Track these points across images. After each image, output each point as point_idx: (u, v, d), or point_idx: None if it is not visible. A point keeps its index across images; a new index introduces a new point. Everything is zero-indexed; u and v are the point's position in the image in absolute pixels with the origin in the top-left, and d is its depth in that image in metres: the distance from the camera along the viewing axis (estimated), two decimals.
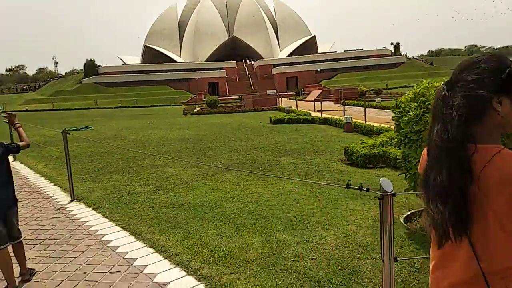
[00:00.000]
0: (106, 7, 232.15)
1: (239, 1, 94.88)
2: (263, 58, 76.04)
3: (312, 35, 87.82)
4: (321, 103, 19.34)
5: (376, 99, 22.31)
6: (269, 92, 30.36)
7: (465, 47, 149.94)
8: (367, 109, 21.12)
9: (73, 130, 16.57)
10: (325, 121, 14.34)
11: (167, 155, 8.99)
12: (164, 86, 57.36)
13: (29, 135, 12.02)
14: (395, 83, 50.88)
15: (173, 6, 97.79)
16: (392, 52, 67.60)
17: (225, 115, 23.53)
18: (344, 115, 16.65)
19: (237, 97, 43.42)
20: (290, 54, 79.59)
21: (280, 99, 28.44)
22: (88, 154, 9.69)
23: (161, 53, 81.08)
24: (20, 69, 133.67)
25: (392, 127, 9.21)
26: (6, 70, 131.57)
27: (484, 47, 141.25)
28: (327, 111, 20.58)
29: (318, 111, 20.86)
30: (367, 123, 11.68)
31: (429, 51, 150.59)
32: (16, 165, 8.74)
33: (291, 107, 21.89)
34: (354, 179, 5.76)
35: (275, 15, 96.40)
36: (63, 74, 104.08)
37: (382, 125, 11.29)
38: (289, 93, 36.71)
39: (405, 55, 67.07)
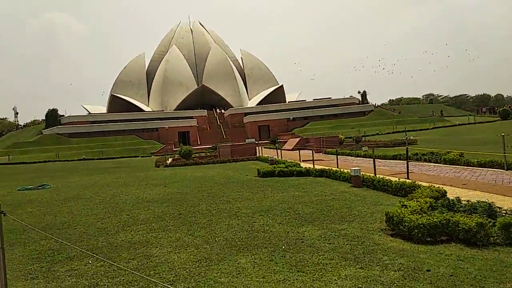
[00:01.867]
0: (71, 56, 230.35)
1: (207, 51, 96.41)
2: (232, 107, 75.90)
3: (280, 85, 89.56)
4: (313, 153, 17.91)
5: (363, 148, 21.35)
6: (247, 140, 29.02)
7: (422, 96, 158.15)
8: (355, 158, 20.10)
9: (27, 189, 14.18)
10: (321, 174, 12.82)
11: (147, 226, 7.00)
12: (132, 136, 55.04)
13: None
14: (367, 130, 51.20)
15: (140, 55, 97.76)
16: (359, 100, 69.30)
17: (202, 166, 21.68)
18: (337, 165, 15.35)
19: (211, 146, 41.77)
20: (260, 103, 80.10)
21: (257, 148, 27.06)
22: (42, 226, 7.50)
23: (128, 102, 79.39)
24: None
25: (422, 183, 7.81)
26: None
27: (441, 96, 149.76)
28: (316, 160, 19.28)
29: (304, 161, 19.52)
30: (378, 175, 10.21)
31: (390, 99, 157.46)
32: None
33: (273, 156, 20.40)
34: (429, 265, 4.09)
35: (243, 65, 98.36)
36: (23, 125, 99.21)
37: (395, 177, 9.88)
38: (263, 141, 35.52)
39: (375, 104, 68.86)
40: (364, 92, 69.39)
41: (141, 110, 74.66)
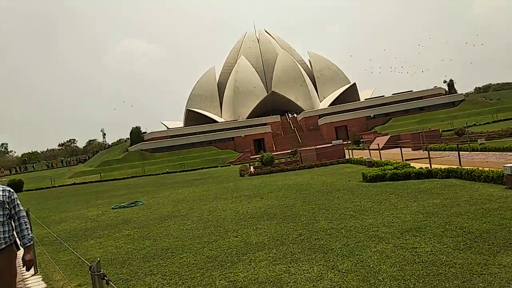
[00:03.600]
0: (147, 78, 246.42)
1: (275, 57, 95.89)
2: (303, 111, 73.97)
3: (352, 83, 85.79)
4: (428, 151, 15.45)
5: (479, 140, 18.18)
6: (334, 142, 27.04)
7: None
8: (470, 153, 17.08)
9: (121, 207, 13.77)
10: (448, 174, 10.50)
11: (266, 253, 5.55)
12: (209, 147, 55.72)
13: (69, 217, 8.87)
14: (460, 122, 45.99)
15: (211, 69, 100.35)
16: (446, 91, 63.09)
17: (289, 173, 20.17)
18: (460, 163, 12.81)
19: (289, 151, 40.28)
20: (332, 104, 77.14)
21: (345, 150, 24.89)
22: (143, 255, 6.43)
23: (203, 115, 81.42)
24: (71, 143, 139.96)
25: None
26: (59, 145, 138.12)
27: None
28: (423, 159, 16.75)
29: (407, 160, 17.07)
30: None
31: (476, 87, 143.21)
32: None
33: (371, 158, 18.19)
34: None
35: (311, 68, 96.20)
36: (110, 144, 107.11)
37: None
38: (342, 143, 33.08)
39: (465, 93, 62.20)
40: (451, 81, 62.97)
41: (215, 121, 76.02)
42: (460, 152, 17.65)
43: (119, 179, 37.75)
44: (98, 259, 2.53)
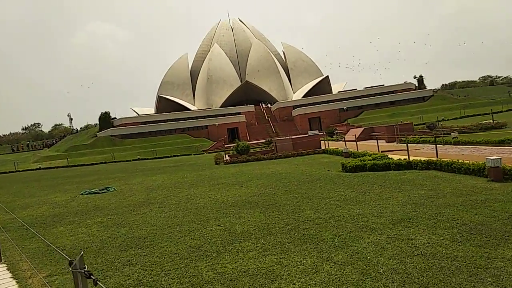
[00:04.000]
0: (117, 63, 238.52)
1: (249, 47, 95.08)
2: (277, 101, 74.00)
3: (325, 76, 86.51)
4: (406, 143, 15.57)
5: (452, 134, 18.54)
6: (310, 133, 26.95)
7: (479, 78, 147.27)
8: (444, 146, 17.41)
9: (91, 193, 13.12)
10: (428, 166, 10.55)
11: (254, 243, 5.26)
12: (183, 135, 54.72)
13: (35, 203, 8.24)
14: (430, 117, 47.29)
15: (183, 56, 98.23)
16: (416, 86, 64.66)
17: (266, 162, 19.94)
18: (437, 156, 12.96)
19: (264, 141, 40.10)
20: (305, 95, 77.55)
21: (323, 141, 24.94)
22: (119, 243, 5.99)
23: (175, 102, 79.77)
24: (36, 127, 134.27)
25: None
26: (22, 129, 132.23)
27: (500, 77, 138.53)
28: (398, 151, 16.93)
29: (383, 151, 17.20)
30: None
31: (443, 84, 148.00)
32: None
33: (347, 148, 18.22)
34: None
35: (285, 59, 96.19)
36: (78, 129, 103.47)
37: None
38: (318, 133, 33.12)
39: (434, 89, 63.94)
40: (421, 76, 64.53)
41: (187, 109, 74.68)
42: (431, 145, 18.05)
43: (87, 164, 36.38)
44: (82, 253, 2.15)
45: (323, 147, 23.39)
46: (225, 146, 49.10)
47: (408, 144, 20.43)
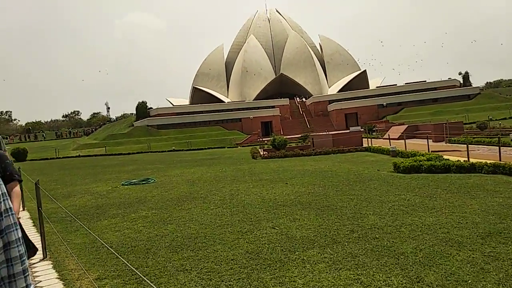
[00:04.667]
0: (153, 52, 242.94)
1: (285, 39, 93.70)
2: (311, 95, 72.64)
3: (363, 70, 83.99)
4: (465, 146, 14.49)
5: (511, 135, 17.13)
6: (352, 129, 25.99)
7: None
8: (503, 148, 16.02)
9: (132, 184, 12.95)
10: (495, 170, 9.55)
11: (320, 253, 4.67)
12: (217, 127, 54.76)
13: (77, 192, 7.96)
14: (475, 116, 44.80)
15: (219, 47, 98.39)
16: (460, 83, 61.54)
17: (306, 158, 19.28)
18: (500, 158, 11.85)
19: (299, 136, 39.27)
20: (341, 90, 75.75)
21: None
22: (168, 243, 5.57)
23: (209, 94, 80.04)
24: (75, 115, 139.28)
25: None
26: (63, 116, 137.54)
27: None
28: (451, 151, 15.78)
29: (436, 151, 16.07)
30: None
31: (487, 82, 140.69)
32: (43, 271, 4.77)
33: (395, 147, 17.23)
34: None
35: (322, 52, 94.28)
36: (114, 118, 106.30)
37: None
38: (360, 130, 31.88)
39: (480, 86, 60.63)
40: (467, 73, 61.38)
41: (221, 101, 74.77)
42: (491, 147, 16.71)
43: (124, 154, 36.95)
44: None
45: (365, 145, 22.40)
46: (259, 140, 48.69)
47: (460, 144, 19.19)
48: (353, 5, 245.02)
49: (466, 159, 12.16)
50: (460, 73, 62.60)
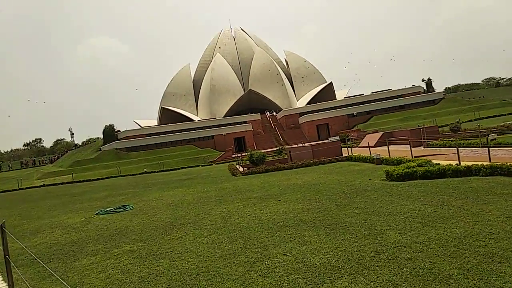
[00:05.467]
0: (117, 76, 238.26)
1: (251, 55, 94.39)
2: (280, 109, 73.09)
3: (329, 82, 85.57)
4: (457, 149, 14.31)
5: (489, 136, 17.28)
6: (331, 139, 25.69)
7: (482, 81, 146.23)
8: (484, 149, 16.04)
9: (107, 213, 11.85)
10: (492, 172, 9.27)
11: (353, 282, 3.96)
12: (188, 146, 53.50)
13: (46, 226, 6.88)
14: (442, 120, 46.19)
15: (185, 66, 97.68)
16: (424, 89, 63.59)
17: (288, 172, 18.65)
18: (489, 159, 11.69)
19: (275, 149, 38.79)
20: (309, 102, 76.61)
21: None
22: (166, 285, 4.70)
23: (178, 113, 78.78)
24: (37, 143, 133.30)
25: None
26: (24, 145, 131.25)
27: (503, 78, 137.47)
28: (433, 155, 15.64)
29: (418, 156, 15.89)
30: None
31: (446, 87, 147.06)
32: None
33: (379, 154, 16.95)
34: None
35: (288, 66, 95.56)
36: (79, 144, 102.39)
37: None
38: (339, 140, 31.67)
39: (444, 92, 62.79)
40: (429, 79, 63.51)
41: (190, 120, 73.64)
42: (472, 148, 16.76)
43: (93, 179, 35.07)
44: None
45: (344, 154, 22.11)
46: (234, 156, 47.85)
47: (440, 148, 19.23)
48: (314, 21, 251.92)
49: (456, 162, 11.95)
50: (423, 80, 64.88)
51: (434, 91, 61.46)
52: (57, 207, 15.62)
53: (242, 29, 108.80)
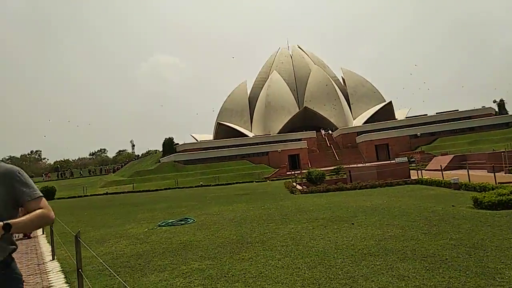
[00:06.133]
0: (178, 92, 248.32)
1: (307, 73, 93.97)
2: (336, 127, 71.35)
3: (388, 101, 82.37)
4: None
5: None
6: (397, 160, 24.33)
7: None
8: None
9: (169, 225, 11.65)
10: None
11: None
12: (243, 161, 53.67)
13: (111, 235, 6.54)
14: None
15: (243, 83, 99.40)
16: (496, 111, 58.94)
17: (351, 192, 17.63)
18: None
19: (332, 168, 37.50)
20: (366, 122, 73.98)
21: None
22: None
23: (233, 128, 79.81)
24: (102, 153, 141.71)
25: None
26: (90, 154, 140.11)
27: None
28: None
29: (503, 183, 14.18)
30: None
31: None
32: None
33: (457, 179, 15.43)
34: None
35: (345, 84, 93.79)
36: (139, 155, 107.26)
37: None
38: (407, 161, 29.73)
39: None
40: (502, 101, 58.86)
41: (244, 135, 74.26)
42: None
43: (152, 190, 36.02)
44: None
45: (413, 177, 20.57)
46: (287, 173, 47.08)
47: None
48: (376, 43, 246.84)
49: None
50: (494, 101, 60.10)
51: (507, 113, 56.68)
52: (120, 215, 15.86)
53: (299, 47, 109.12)
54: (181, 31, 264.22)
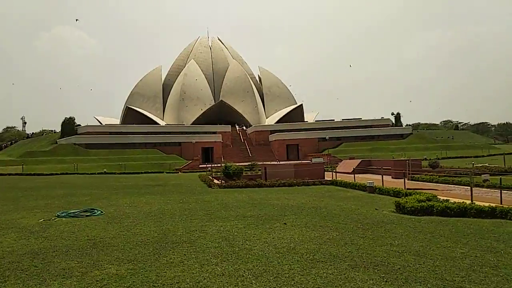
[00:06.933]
0: (83, 70, 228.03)
1: (226, 67, 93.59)
2: (249, 124, 72.35)
3: (300, 104, 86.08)
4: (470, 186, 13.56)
5: (482, 176, 16.89)
6: (314, 160, 24.73)
7: (440, 122, 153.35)
8: (483, 189, 15.54)
9: (72, 216, 9.97)
10: (506, 214, 8.47)
11: None
12: (154, 150, 50.96)
13: None
14: (410, 154, 46.90)
15: (157, 68, 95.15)
16: (392, 123, 65.13)
17: (270, 189, 17.37)
18: (501, 201, 11.00)
19: (247, 164, 37.43)
20: (278, 122, 76.34)
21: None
22: None
23: (143, 115, 75.73)
24: None
25: None
26: None
27: (460, 122, 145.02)
28: (425, 189, 14.84)
29: (410, 189, 15.12)
30: None
31: (407, 124, 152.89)
32: None
33: (372, 182, 16.06)
34: None
35: (261, 83, 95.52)
36: (31, 134, 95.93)
37: None
38: (323, 161, 30.75)
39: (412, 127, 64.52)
40: (398, 114, 65.33)
41: (155, 123, 70.94)
42: (455, 186, 16.29)
43: (47, 174, 31.94)
44: None
45: (327, 178, 21.18)
46: (200, 166, 45.94)
47: (426, 183, 18.69)
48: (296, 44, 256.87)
49: (462, 200, 11.20)
50: (392, 113, 66.54)
51: (402, 125, 63.04)
52: (8, 201, 13.33)
53: (219, 39, 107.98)
54: (96, 5, 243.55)
